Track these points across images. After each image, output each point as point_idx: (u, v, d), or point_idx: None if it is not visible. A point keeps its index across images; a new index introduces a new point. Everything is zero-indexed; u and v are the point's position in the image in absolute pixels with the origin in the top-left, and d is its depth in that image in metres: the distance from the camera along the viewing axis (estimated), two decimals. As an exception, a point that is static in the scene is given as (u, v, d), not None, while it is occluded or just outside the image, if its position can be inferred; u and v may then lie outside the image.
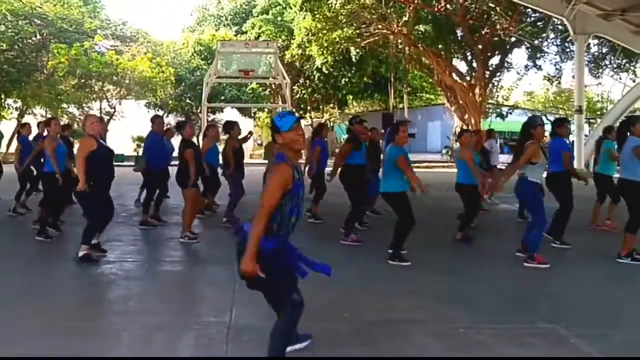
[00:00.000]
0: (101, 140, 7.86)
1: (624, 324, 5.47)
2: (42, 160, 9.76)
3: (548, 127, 9.16)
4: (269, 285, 3.97)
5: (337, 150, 14.14)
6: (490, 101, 35.93)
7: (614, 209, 10.08)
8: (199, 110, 32.11)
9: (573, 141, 26.21)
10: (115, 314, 5.75)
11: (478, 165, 9.20)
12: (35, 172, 11.01)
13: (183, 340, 4.97)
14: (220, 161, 10.96)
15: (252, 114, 43.23)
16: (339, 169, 9.80)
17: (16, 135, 11.77)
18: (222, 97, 36.83)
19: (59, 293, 6.38)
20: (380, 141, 11.91)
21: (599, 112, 37.93)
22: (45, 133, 11.15)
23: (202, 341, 4.95)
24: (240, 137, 11.08)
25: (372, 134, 11.23)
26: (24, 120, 31.56)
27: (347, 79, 36.68)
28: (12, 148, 12.73)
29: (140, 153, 14.03)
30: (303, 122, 13.31)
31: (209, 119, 32.37)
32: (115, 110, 35.73)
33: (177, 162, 9.28)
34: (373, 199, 11.06)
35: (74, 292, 6.51)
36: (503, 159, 26.85)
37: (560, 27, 28.17)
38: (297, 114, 4.17)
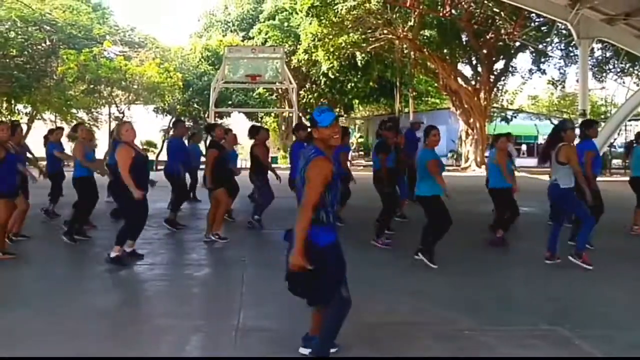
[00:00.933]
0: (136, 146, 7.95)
1: (628, 325, 5.45)
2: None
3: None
4: (319, 281, 4.02)
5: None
6: (495, 105, 35.84)
7: None
8: (206, 115, 32.15)
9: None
10: (122, 315, 5.78)
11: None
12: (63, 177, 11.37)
13: (191, 342, 4.99)
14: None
15: (259, 119, 43.28)
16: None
17: (43, 141, 11.89)
18: (230, 102, 36.91)
19: (68, 295, 6.41)
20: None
21: (602, 116, 37.75)
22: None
23: (210, 343, 4.97)
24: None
25: (399, 139, 11.18)
26: (34, 126, 31.92)
27: (353, 84, 36.68)
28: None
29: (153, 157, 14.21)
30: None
31: (218, 124, 32.30)
32: (124, 115, 35.76)
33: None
34: (401, 203, 11.04)
35: (82, 295, 6.53)
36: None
37: (564, 31, 28.13)
38: (335, 112, 4.22)
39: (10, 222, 8.39)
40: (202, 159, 11.77)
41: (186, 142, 12.71)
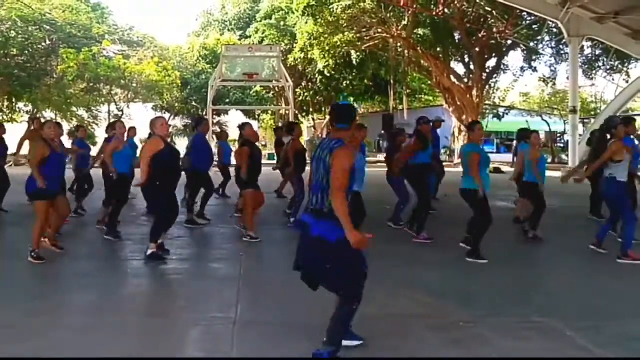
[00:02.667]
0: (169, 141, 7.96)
1: (617, 317, 5.48)
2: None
3: (546, 128, 9.23)
4: (342, 270, 4.19)
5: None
6: (487, 102, 35.86)
7: None
8: (204, 113, 32.14)
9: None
10: (121, 311, 5.76)
11: None
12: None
13: (190, 336, 5.00)
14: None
15: (256, 116, 43.26)
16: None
17: (72, 139, 11.98)
18: (227, 100, 36.90)
19: (65, 291, 6.42)
20: (381, 141, 11.93)
21: (592, 112, 37.82)
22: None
23: (208, 336, 4.98)
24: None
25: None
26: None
27: (348, 82, 36.63)
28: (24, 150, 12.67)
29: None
30: (306, 124, 13.19)
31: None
32: (122, 113, 35.75)
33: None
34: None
35: (80, 290, 6.53)
36: (499, 159, 26.96)
37: (554, 29, 28.13)
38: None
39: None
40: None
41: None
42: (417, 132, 9.85)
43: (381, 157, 21.30)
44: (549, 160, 25.19)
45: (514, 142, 19.69)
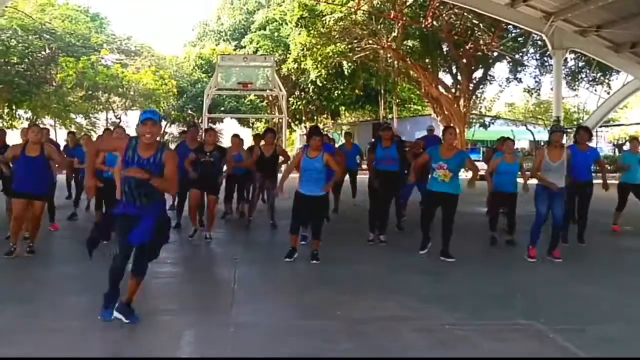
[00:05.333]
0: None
1: (598, 320, 5.50)
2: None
3: (530, 137, 9.26)
4: None
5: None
6: (473, 112, 35.98)
7: None
8: (200, 121, 32.10)
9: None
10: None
11: None
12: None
13: (185, 337, 4.97)
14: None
15: (251, 124, 43.26)
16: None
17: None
18: (222, 108, 36.89)
19: (59, 293, 6.38)
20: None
21: (575, 123, 37.93)
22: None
23: (205, 337, 4.96)
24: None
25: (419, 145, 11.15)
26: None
27: (339, 91, 36.73)
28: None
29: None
30: (299, 132, 13.10)
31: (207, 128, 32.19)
32: (120, 121, 35.67)
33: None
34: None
35: (77, 291, 6.49)
36: (485, 167, 27.00)
37: (539, 42, 28.26)
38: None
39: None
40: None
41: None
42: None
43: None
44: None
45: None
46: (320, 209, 7.90)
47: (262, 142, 10.92)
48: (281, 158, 10.93)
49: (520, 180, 9.40)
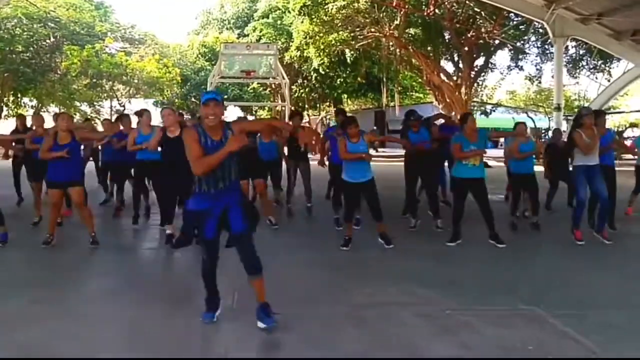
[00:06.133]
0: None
1: (599, 306, 5.49)
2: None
3: (530, 124, 9.25)
4: None
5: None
6: (475, 99, 35.91)
7: None
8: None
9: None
10: (121, 298, 5.71)
11: None
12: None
13: (190, 325, 4.97)
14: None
15: (254, 112, 43.22)
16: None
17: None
18: (226, 96, 36.80)
19: (70, 279, 6.40)
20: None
21: (576, 110, 37.84)
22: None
23: (205, 328, 4.96)
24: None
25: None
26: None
27: (342, 79, 36.65)
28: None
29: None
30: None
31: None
32: (124, 108, 35.72)
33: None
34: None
35: (83, 279, 6.52)
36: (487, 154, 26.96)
37: (540, 30, 28.16)
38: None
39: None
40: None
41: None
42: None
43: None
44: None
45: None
46: (372, 192, 7.83)
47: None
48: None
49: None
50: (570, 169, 8.47)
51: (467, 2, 27.20)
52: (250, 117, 40.17)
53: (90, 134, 9.71)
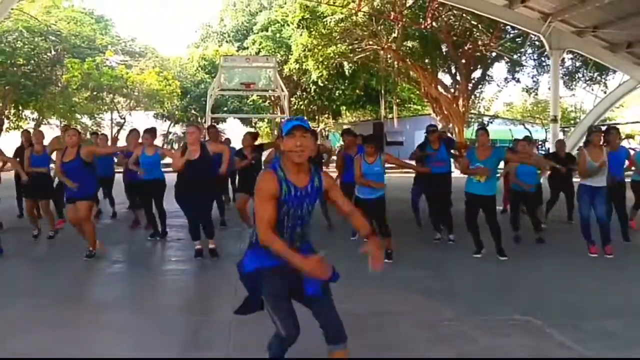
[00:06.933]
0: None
1: (595, 314, 5.50)
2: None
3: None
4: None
5: (334, 158, 13.22)
6: (472, 111, 36.02)
7: None
8: (203, 121, 32.16)
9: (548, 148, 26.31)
10: (118, 310, 5.72)
11: None
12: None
13: (188, 334, 4.99)
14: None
15: (253, 124, 43.29)
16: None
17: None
18: (225, 108, 36.91)
19: (69, 289, 6.41)
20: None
21: (572, 121, 38.03)
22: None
23: (207, 334, 4.97)
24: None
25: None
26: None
27: (340, 91, 36.75)
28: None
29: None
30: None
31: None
32: (125, 121, 35.77)
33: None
34: None
35: (84, 289, 6.53)
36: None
37: (537, 42, 28.28)
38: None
39: None
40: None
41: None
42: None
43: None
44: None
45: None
46: (381, 208, 7.76)
47: None
48: (325, 156, 10.69)
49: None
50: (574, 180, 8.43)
51: (464, 15, 27.32)
52: (250, 129, 40.24)
53: (97, 149, 9.60)
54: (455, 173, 9.39)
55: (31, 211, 9.54)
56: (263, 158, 10.03)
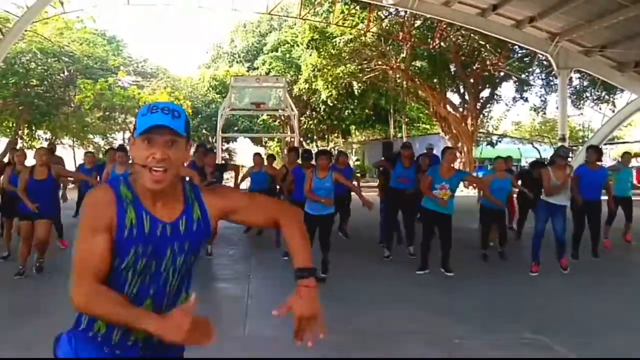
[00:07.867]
0: None
1: (604, 332, 5.51)
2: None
3: (536, 154, 9.30)
4: None
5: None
6: (481, 130, 36.05)
7: None
8: (214, 140, 32.34)
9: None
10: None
11: None
12: None
13: (200, 349, 5.02)
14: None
15: (264, 143, 43.48)
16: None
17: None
18: (236, 128, 37.13)
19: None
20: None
21: (580, 140, 37.92)
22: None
23: (218, 350, 5.00)
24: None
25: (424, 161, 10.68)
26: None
27: (350, 111, 36.85)
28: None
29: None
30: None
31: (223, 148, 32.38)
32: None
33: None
34: None
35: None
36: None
37: (545, 62, 28.34)
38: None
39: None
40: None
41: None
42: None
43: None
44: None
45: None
46: (327, 226, 7.85)
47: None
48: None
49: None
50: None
51: (472, 35, 27.47)
52: (260, 149, 40.41)
53: (67, 173, 9.47)
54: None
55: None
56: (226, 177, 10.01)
